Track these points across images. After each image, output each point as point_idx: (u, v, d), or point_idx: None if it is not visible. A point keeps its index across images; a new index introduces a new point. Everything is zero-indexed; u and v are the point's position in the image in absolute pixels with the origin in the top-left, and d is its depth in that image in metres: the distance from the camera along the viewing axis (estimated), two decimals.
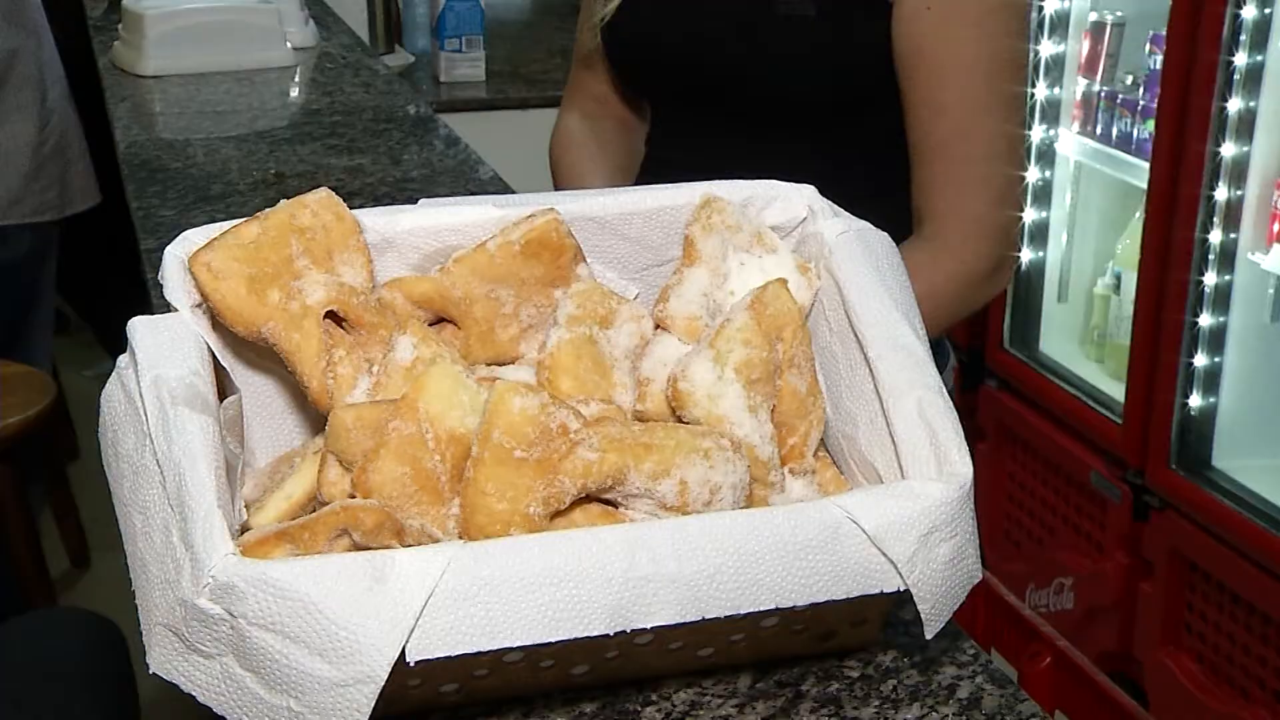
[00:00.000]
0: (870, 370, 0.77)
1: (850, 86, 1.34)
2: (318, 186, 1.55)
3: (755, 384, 0.75)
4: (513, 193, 1.63)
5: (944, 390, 0.74)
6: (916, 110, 1.31)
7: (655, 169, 1.50)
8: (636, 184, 1.49)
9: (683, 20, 1.38)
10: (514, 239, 0.81)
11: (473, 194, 1.60)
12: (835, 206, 0.87)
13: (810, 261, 0.84)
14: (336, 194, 1.55)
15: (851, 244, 0.82)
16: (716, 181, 0.86)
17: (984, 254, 1.32)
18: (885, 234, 0.84)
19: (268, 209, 0.78)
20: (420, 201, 0.86)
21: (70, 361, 3.29)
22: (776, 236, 0.85)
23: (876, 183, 1.40)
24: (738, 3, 1.34)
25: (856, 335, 0.78)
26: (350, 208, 1.49)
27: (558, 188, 1.55)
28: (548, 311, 0.82)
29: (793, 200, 0.86)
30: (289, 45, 2.04)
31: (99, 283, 3.16)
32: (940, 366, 1.47)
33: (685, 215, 0.85)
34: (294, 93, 1.99)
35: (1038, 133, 2.83)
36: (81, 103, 2.28)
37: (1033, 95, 2.84)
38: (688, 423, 0.74)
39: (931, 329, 1.39)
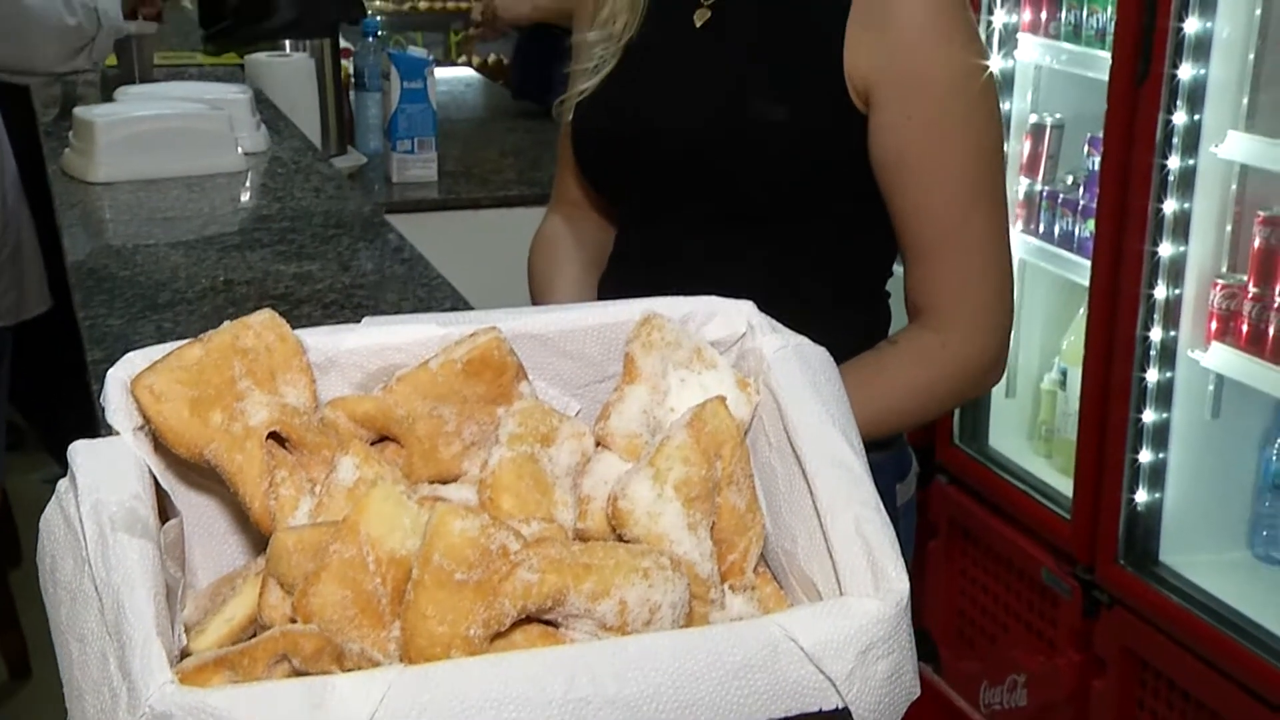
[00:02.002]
0: (808, 486, 0.78)
1: (818, 192, 1.37)
2: (266, 294, 1.57)
3: (694, 501, 0.76)
4: (462, 298, 1.64)
5: (880, 506, 0.75)
6: (907, 213, 1.34)
7: (620, 266, 1.52)
8: (602, 281, 1.52)
9: (651, 120, 1.40)
10: (456, 358, 0.82)
11: (421, 299, 1.61)
12: (774, 322, 0.88)
13: (749, 377, 0.85)
14: (286, 300, 1.56)
15: (789, 360, 0.83)
16: (656, 298, 0.87)
17: (991, 343, 1.36)
18: (823, 349, 0.86)
19: (211, 331, 0.79)
20: (364, 320, 0.86)
21: (16, 467, 3.26)
22: (716, 353, 0.86)
23: (838, 281, 1.43)
24: (708, 104, 1.36)
25: (795, 451, 0.79)
26: (299, 315, 1.50)
27: (531, 284, 1.57)
28: (490, 429, 0.83)
29: (732, 316, 0.88)
30: (240, 150, 2.06)
31: (46, 388, 3.14)
32: (903, 472, 1.50)
33: (626, 332, 0.86)
34: (244, 198, 2.00)
35: None
36: (33, 207, 2.28)
37: None
38: (628, 541, 0.75)
39: (935, 415, 1.43)
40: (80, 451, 0.73)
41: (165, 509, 0.77)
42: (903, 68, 1.30)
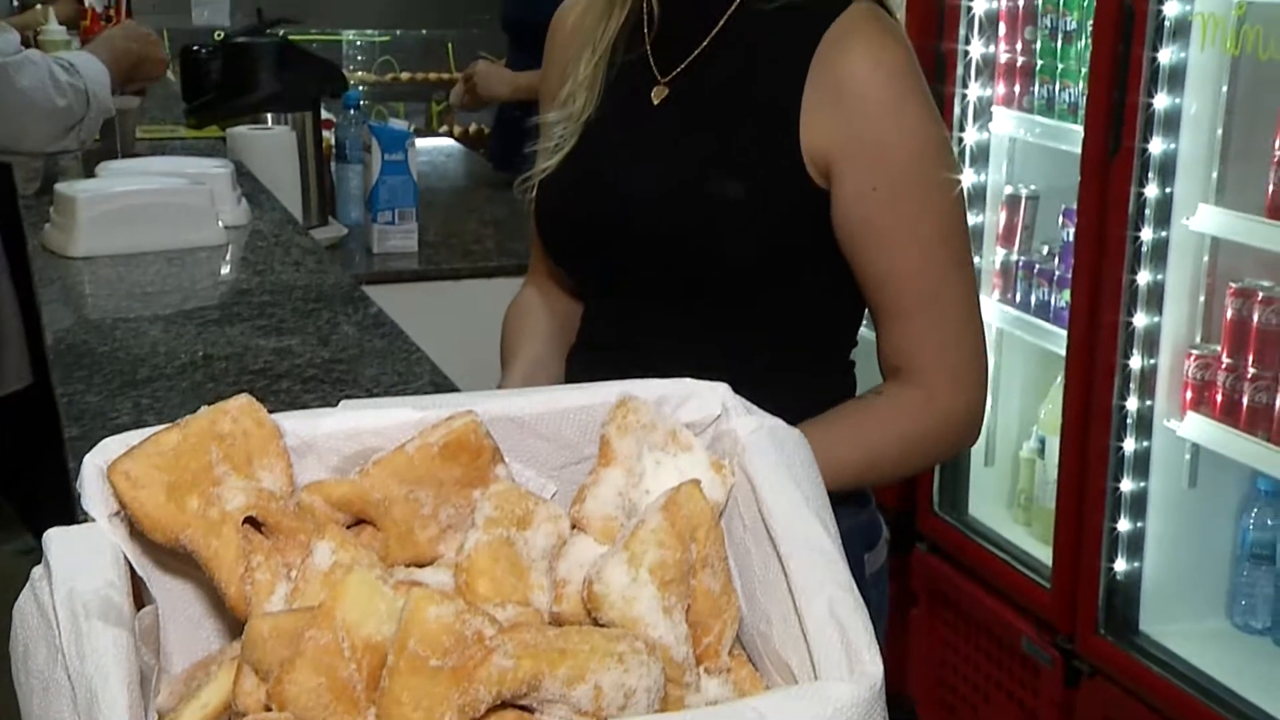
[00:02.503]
0: (783, 569, 0.78)
1: (778, 265, 1.38)
2: (245, 369, 1.57)
3: (669, 585, 0.76)
4: (440, 372, 1.64)
5: (854, 588, 0.76)
6: (879, 280, 1.35)
7: (586, 341, 1.53)
8: (570, 353, 1.53)
9: (610, 198, 1.42)
10: (433, 441, 0.82)
11: (400, 373, 1.62)
12: (748, 404, 0.89)
13: (724, 459, 0.85)
14: (264, 375, 1.57)
15: (764, 442, 0.84)
16: (632, 381, 0.88)
17: (968, 403, 1.38)
18: (797, 431, 0.87)
19: (188, 415, 0.79)
20: (341, 403, 0.87)
21: None
22: (691, 434, 0.86)
23: (801, 353, 1.44)
24: (666, 182, 1.38)
25: (769, 534, 0.80)
26: (278, 390, 1.50)
27: (502, 353, 1.58)
28: (466, 512, 0.83)
29: (706, 398, 0.88)
30: (221, 224, 2.07)
31: (23, 463, 3.13)
32: (872, 541, 1.50)
33: (602, 414, 0.86)
34: (224, 272, 2.01)
35: None
36: (14, 282, 2.28)
37: None
38: (603, 624, 0.75)
39: (917, 469, 1.44)
40: (55, 540, 0.73)
41: (140, 594, 0.77)
42: (862, 140, 1.32)
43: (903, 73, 1.32)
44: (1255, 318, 2.18)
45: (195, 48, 3.12)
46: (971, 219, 2.88)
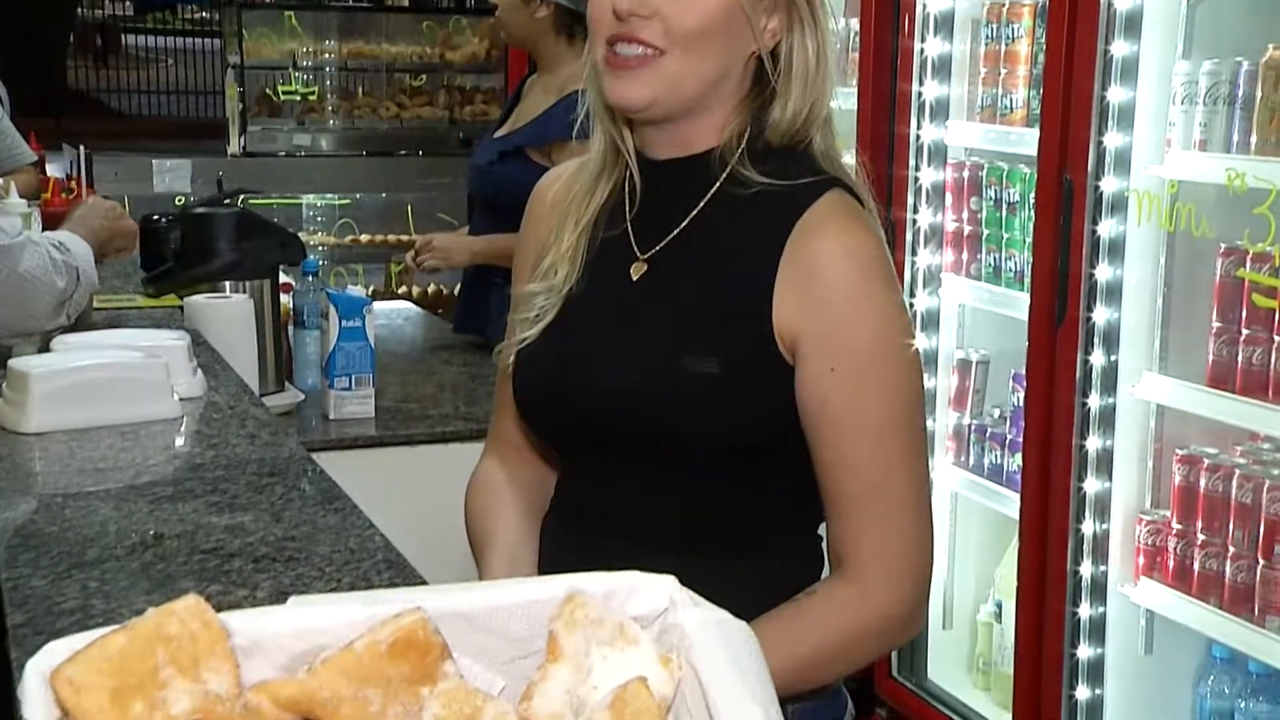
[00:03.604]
0: None
1: (752, 440, 1.41)
2: (197, 548, 1.56)
3: None
4: (394, 549, 1.64)
5: None
6: (830, 465, 1.38)
7: (561, 512, 1.54)
8: (543, 527, 1.54)
9: (587, 373, 1.44)
10: (381, 639, 0.82)
11: (353, 550, 1.61)
12: (695, 596, 0.90)
13: (671, 653, 0.86)
14: (216, 555, 1.55)
15: (711, 636, 0.85)
16: (580, 575, 0.89)
17: (907, 598, 1.39)
18: (744, 624, 0.87)
19: (135, 619, 0.79)
20: (290, 600, 0.87)
21: None
22: (639, 628, 0.87)
23: (771, 528, 1.46)
24: (642, 357, 1.41)
25: None
26: (229, 570, 1.49)
27: (470, 532, 1.59)
28: (415, 710, 0.83)
29: (654, 591, 0.89)
30: (176, 397, 2.07)
31: None
32: (839, 713, 1.49)
33: (550, 608, 0.87)
34: (179, 444, 2.00)
35: None
36: None
37: None
38: None
39: (857, 665, 1.44)
40: None
41: None
42: (827, 322, 1.36)
43: (871, 264, 1.37)
44: (1202, 484, 2.21)
45: (155, 217, 3.15)
46: (925, 382, 2.92)
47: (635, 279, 1.45)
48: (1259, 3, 2.21)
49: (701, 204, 1.43)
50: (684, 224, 1.44)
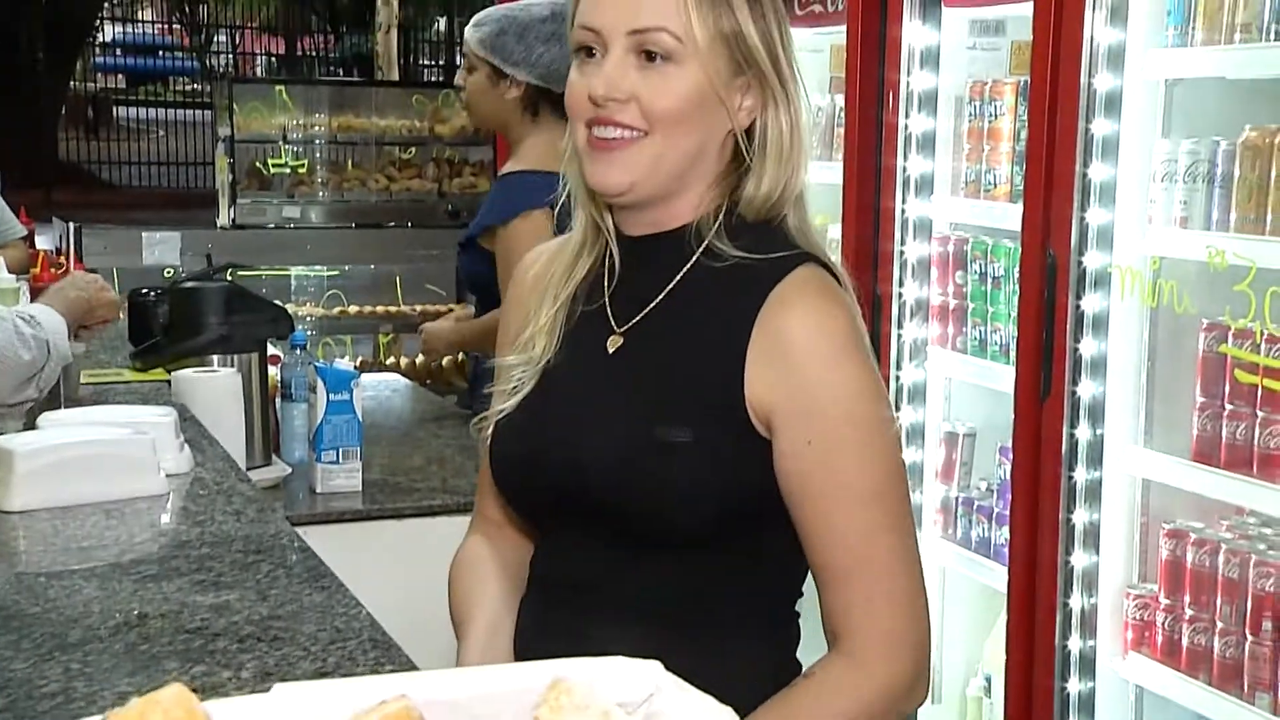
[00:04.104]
0: None
1: (728, 512, 1.41)
2: (181, 628, 1.55)
3: None
4: (380, 628, 1.63)
5: None
6: (813, 538, 1.38)
7: (539, 588, 1.54)
8: (522, 603, 1.54)
9: (562, 445, 1.45)
10: None
11: (339, 629, 1.60)
12: (679, 681, 0.89)
13: None
14: (201, 635, 1.55)
15: None
16: (565, 660, 0.88)
17: (905, 669, 1.38)
18: (728, 709, 0.87)
19: (119, 708, 0.79)
20: (274, 688, 0.86)
21: None
22: (624, 714, 0.86)
23: (748, 603, 1.46)
24: (617, 428, 1.42)
25: None
26: (214, 650, 1.49)
27: (451, 608, 1.58)
28: None
29: (639, 676, 0.89)
30: (162, 474, 2.06)
31: None
32: None
33: (535, 695, 0.86)
34: (164, 521, 2.00)
35: None
36: None
37: None
38: None
39: None
40: None
41: None
42: (800, 396, 1.37)
43: (844, 338, 1.38)
44: (1189, 559, 2.21)
45: (144, 291, 3.16)
46: (910, 456, 2.92)
47: (611, 352, 1.46)
48: (1234, 85, 2.24)
49: (677, 278, 1.45)
50: (659, 298, 1.45)
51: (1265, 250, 2.06)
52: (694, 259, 1.44)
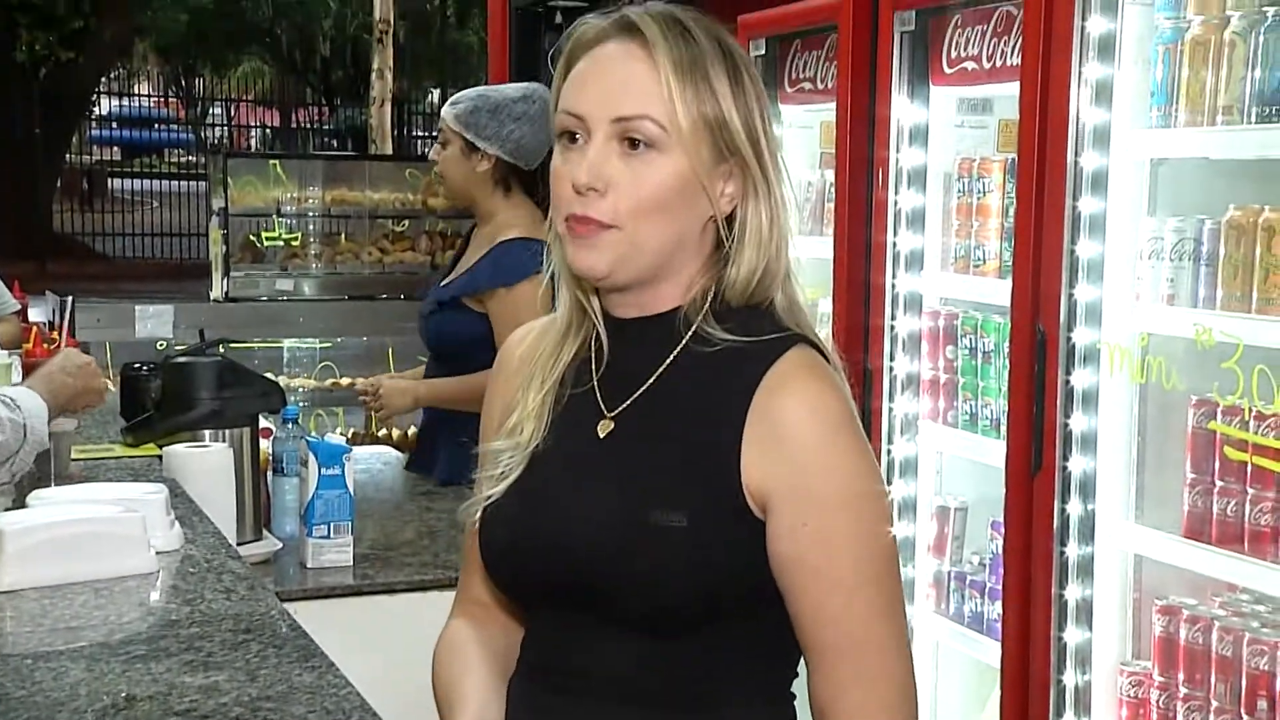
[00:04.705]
0: None
1: (721, 596, 1.40)
2: (170, 710, 1.54)
3: None
4: (370, 709, 1.62)
5: None
6: (807, 618, 1.39)
7: (528, 671, 1.53)
8: (510, 685, 1.53)
9: (554, 528, 1.44)
10: None
11: (329, 710, 1.59)
12: None
13: None
14: (189, 717, 1.53)
15: None
16: None
17: None
18: None
19: None
20: None
21: None
22: None
23: (741, 685, 1.45)
24: (610, 512, 1.41)
25: None
26: None
27: (436, 694, 1.57)
28: None
29: None
30: (152, 552, 2.06)
31: None
32: None
33: None
34: (154, 600, 1.99)
35: None
36: None
37: None
38: None
39: None
40: None
41: None
42: (796, 479, 1.37)
43: (837, 419, 1.39)
44: (1183, 636, 2.21)
45: (136, 365, 3.16)
46: (902, 530, 2.92)
47: (602, 436, 1.46)
48: (1218, 165, 2.27)
49: (667, 362, 1.45)
50: (650, 381, 1.45)
51: (1251, 328, 2.07)
52: (683, 343, 1.44)
